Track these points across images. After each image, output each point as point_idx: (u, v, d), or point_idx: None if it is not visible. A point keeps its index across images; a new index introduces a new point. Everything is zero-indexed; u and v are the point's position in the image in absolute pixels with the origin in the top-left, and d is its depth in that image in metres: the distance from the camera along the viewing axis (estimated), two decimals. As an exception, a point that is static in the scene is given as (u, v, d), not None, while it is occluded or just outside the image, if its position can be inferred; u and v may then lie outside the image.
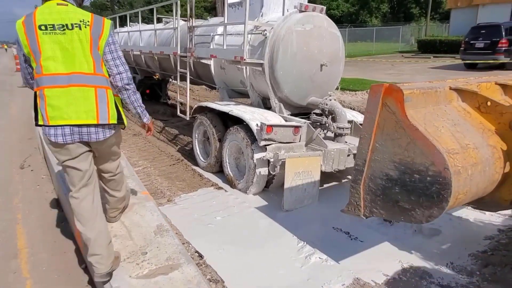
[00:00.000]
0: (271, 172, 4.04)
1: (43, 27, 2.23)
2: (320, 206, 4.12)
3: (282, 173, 3.97)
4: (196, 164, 5.55)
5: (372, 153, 2.55)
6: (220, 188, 4.67)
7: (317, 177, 4.06)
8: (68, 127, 2.28)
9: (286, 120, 4.46)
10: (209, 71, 5.83)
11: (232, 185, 4.64)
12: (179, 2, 5.87)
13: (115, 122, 2.42)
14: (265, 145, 4.05)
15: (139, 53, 8.27)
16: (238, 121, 4.58)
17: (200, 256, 2.94)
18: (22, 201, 4.25)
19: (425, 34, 26.97)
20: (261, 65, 4.46)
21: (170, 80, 9.59)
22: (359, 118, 4.89)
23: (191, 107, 5.92)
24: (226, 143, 4.69)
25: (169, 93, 11.42)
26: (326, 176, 4.56)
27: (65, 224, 3.59)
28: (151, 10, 7.55)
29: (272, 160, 3.90)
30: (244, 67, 4.83)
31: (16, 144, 6.70)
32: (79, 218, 2.43)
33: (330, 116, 4.41)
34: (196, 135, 5.50)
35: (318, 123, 4.45)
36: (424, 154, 2.30)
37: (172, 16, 8.68)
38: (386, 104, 2.45)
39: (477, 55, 13.45)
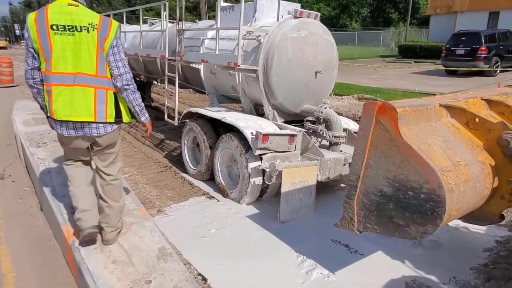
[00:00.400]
0: (266, 182, 3.93)
1: (54, 27, 2.39)
2: (316, 216, 4.04)
3: (277, 183, 3.88)
4: (185, 171, 5.39)
5: (365, 169, 2.58)
6: (212, 197, 4.53)
7: (313, 187, 3.99)
8: (71, 122, 2.53)
9: (280, 128, 4.37)
10: (198, 75, 5.68)
11: (224, 194, 4.51)
12: (167, 3, 5.71)
13: (113, 120, 2.62)
14: (260, 154, 3.95)
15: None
16: (231, 129, 4.46)
17: (204, 279, 2.79)
18: (3, 216, 3.87)
19: (405, 39, 27.50)
20: (255, 71, 4.35)
21: (154, 82, 9.36)
22: (351, 125, 4.85)
23: (180, 112, 5.76)
24: (218, 151, 4.55)
25: (153, 95, 11.17)
26: (319, 185, 4.49)
27: (53, 244, 3.32)
28: (133, 10, 7.35)
29: (268, 170, 3.80)
30: (236, 73, 4.71)
31: None
32: (71, 179, 2.77)
33: (325, 124, 4.35)
34: (186, 142, 5.34)
35: (312, 131, 4.38)
36: (418, 172, 2.32)
37: (157, 17, 8.52)
38: (380, 122, 2.47)
39: (458, 62, 13.77)
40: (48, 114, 2.58)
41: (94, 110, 2.52)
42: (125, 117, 2.74)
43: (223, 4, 5.40)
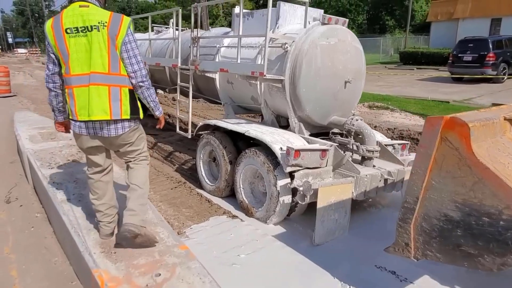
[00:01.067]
0: (299, 202, 3.61)
1: (68, 30, 2.43)
2: (352, 237, 3.73)
3: (306, 201, 3.57)
4: (200, 187, 5.07)
5: (426, 191, 2.31)
6: (235, 216, 4.20)
7: (348, 206, 3.68)
8: (91, 122, 2.57)
9: (308, 142, 4.07)
10: (213, 85, 5.38)
11: (248, 213, 4.19)
12: (180, 10, 5.43)
13: (128, 116, 2.62)
14: (291, 171, 3.64)
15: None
16: (251, 142, 4.17)
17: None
18: (14, 250, 3.33)
19: (404, 46, 27.46)
20: (281, 81, 4.06)
21: (160, 92, 9.06)
22: (379, 137, 4.56)
23: (194, 124, 5.44)
24: (241, 167, 4.23)
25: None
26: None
27: (77, 285, 2.85)
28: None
29: (301, 188, 3.48)
30: (258, 83, 4.41)
31: None
32: (93, 193, 2.85)
33: (352, 137, 4.07)
34: (201, 156, 5.02)
35: (342, 145, 4.09)
36: (496, 196, 2.06)
37: (163, 25, 8.25)
38: (447, 138, 2.19)
39: (465, 68, 13.61)
40: (71, 117, 2.65)
41: (110, 108, 2.54)
42: (141, 114, 2.77)
43: (238, 10, 5.14)
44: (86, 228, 3.02)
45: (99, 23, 2.43)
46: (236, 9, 5.14)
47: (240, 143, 4.63)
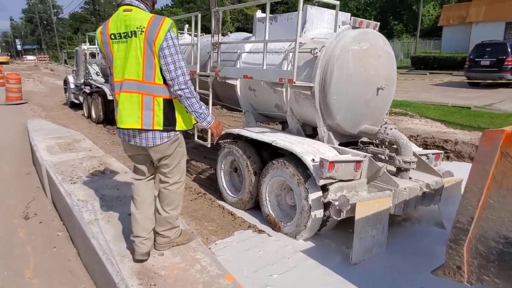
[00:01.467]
0: (334, 217, 3.38)
1: (113, 36, 2.37)
2: (390, 256, 3.48)
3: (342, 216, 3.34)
4: (221, 198, 4.86)
5: (482, 210, 2.10)
6: (261, 231, 3.97)
7: (386, 221, 3.45)
8: (126, 130, 2.50)
9: (339, 153, 3.84)
10: (233, 92, 5.19)
11: (275, 227, 3.96)
12: (199, 15, 5.25)
13: (161, 128, 2.45)
14: (324, 184, 3.42)
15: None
16: (277, 152, 3.96)
17: None
18: (37, 274, 3.01)
19: (415, 51, 27.16)
20: (310, 88, 3.85)
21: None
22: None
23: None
24: (267, 179, 4.02)
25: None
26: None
27: None
28: None
29: (337, 203, 3.26)
30: (284, 90, 4.20)
31: (11, 181, 5.27)
32: (133, 200, 2.72)
33: (386, 147, 3.84)
34: (222, 166, 4.82)
35: (374, 155, 3.85)
36: None
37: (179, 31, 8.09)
38: (508, 154, 1.97)
39: (483, 73, 13.30)
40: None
41: (141, 117, 2.42)
42: (180, 125, 2.55)
43: (260, 15, 4.96)
44: (120, 254, 2.73)
45: (137, 28, 2.30)
46: (258, 14, 4.96)
47: (264, 153, 4.43)
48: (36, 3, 77.04)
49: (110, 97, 9.49)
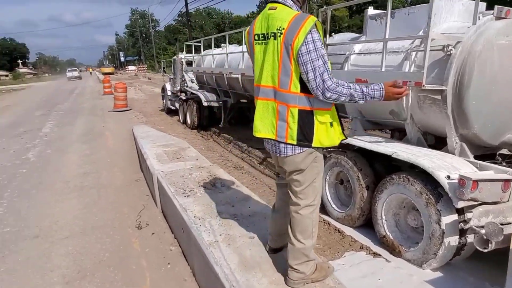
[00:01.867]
0: (478, 248, 2.78)
1: (256, 37, 2.22)
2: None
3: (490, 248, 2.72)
4: (324, 212, 4.47)
5: None
6: (376, 254, 3.50)
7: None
8: (266, 138, 2.34)
9: (477, 168, 3.21)
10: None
11: (394, 251, 3.45)
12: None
13: (294, 142, 2.17)
14: (463, 207, 2.84)
15: (239, 76, 7.58)
16: (391, 163, 3.47)
17: None
18: None
19: None
20: (441, 92, 3.29)
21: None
22: None
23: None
24: (384, 195, 3.53)
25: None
26: None
27: None
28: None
29: (483, 231, 2.66)
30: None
31: (123, 188, 5.32)
32: (273, 206, 2.79)
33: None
34: (327, 177, 4.43)
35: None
36: None
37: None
38: None
39: None
40: None
41: (276, 127, 2.21)
42: (319, 141, 2.19)
43: (372, 12, 4.49)
44: (247, 285, 2.45)
45: (277, 29, 2.06)
46: (370, 11, 4.50)
47: (376, 165, 3.95)
48: (138, 18, 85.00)
49: (205, 103, 9.71)
